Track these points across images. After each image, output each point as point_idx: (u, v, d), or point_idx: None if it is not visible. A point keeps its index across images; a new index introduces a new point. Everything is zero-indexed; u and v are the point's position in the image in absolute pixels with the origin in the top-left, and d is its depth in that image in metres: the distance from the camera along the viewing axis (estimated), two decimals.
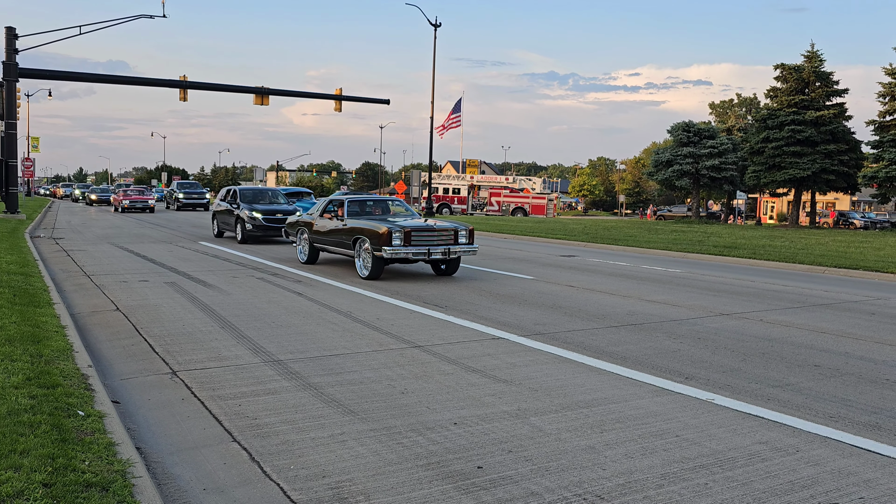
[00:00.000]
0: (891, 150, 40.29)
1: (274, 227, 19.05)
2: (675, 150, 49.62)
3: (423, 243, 11.83)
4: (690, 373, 6.18)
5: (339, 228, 12.92)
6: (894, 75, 41.67)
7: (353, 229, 12.43)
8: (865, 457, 4.23)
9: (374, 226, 11.90)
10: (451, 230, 12.16)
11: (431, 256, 11.81)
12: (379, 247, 11.51)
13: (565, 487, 3.66)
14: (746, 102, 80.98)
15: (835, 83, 46.13)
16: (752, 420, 4.89)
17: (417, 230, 11.86)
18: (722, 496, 3.60)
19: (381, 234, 11.55)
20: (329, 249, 13.49)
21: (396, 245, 11.49)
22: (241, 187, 21.49)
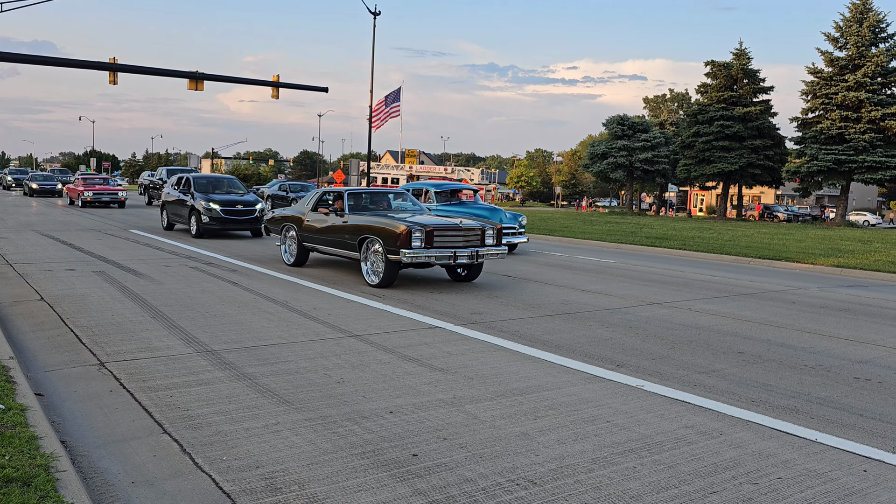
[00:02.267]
0: (813, 146, 42.00)
1: (233, 220, 17.46)
2: (610, 143, 50.60)
3: (448, 245, 9.85)
4: (622, 360, 6.34)
5: (338, 226, 10.92)
6: (817, 74, 43.40)
7: (358, 227, 10.44)
8: (784, 439, 4.43)
9: (387, 223, 9.90)
10: (479, 229, 10.18)
11: (457, 260, 9.87)
12: (395, 249, 9.56)
13: (499, 473, 3.72)
14: (679, 98, 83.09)
15: (761, 81, 47.79)
16: (680, 405, 5.05)
17: (441, 229, 9.84)
18: (650, 479, 3.72)
19: (399, 234, 9.55)
20: (323, 250, 11.51)
21: (416, 247, 9.54)
22: (195, 175, 19.50)
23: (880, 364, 6.53)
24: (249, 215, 17.78)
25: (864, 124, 40.40)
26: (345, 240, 10.76)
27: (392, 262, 9.78)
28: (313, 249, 11.82)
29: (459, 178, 57.35)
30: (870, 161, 39.86)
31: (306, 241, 11.84)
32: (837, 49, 43.11)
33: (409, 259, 9.48)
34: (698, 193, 73.12)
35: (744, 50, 47.67)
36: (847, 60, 42.04)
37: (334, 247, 11.11)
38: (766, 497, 3.54)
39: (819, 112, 43.19)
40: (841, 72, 42.30)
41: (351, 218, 10.77)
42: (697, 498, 3.50)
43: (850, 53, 42.02)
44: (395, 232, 9.63)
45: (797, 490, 3.64)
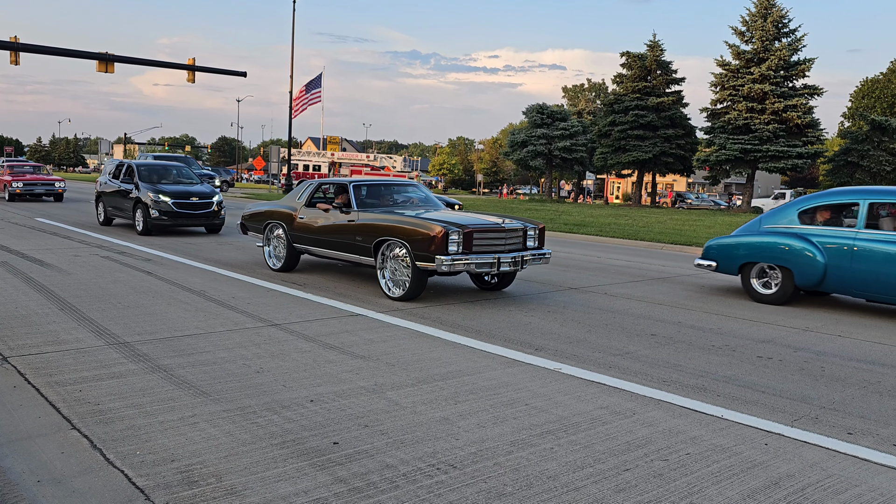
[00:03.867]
0: (721, 135, 43.77)
1: (187, 214, 15.21)
2: (530, 131, 51.32)
3: (490, 249, 8.25)
4: (540, 344, 6.48)
5: (344, 225, 9.11)
6: (725, 67, 45.18)
7: (374, 228, 8.62)
8: (693, 416, 4.64)
9: (416, 223, 8.16)
10: (521, 230, 8.65)
11: (500, 267, 8.21)
12: (429, 255, 7.84)
13: (420, 458, 3.75)
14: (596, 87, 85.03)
15: (674, 72, 49.39)
16: (595, 387, 5.21)
17: (483, 230, 8.19)
18: (566, 459, 3.83)
19: (433, 237, 7.82)
20: (321, 254, 9.69)
21: (454, 252, 7.86)
22: (138, 162, 16.88)
23: (781, 343, 6.90)
24: (205, 209, 15.48)
25: (768, 115, 42.36)
26: (355, 242, 8.89)
27: (421, 271, 8.13)
28: (306, 252, 10.06)
29: (382, 166, 57.06)
30: (773, 150, 41.85)
31: (298, 242, 9.97)
32: (744, 43, 44.96)
33: (446, 267, 7.76)
34: (615, 181, 75.15)
35: (657, 42, 49.11)
36: (753, 54, 43.91)
37: (338, 250, 9.29)
38: (676, 472, 3.70)
39: (727, 103, 44.99)
40: (747, 65, 44.17)
41: (362, 216, 8.90)
42: (611, 476, 3.62)
43: (756, 47, 43.88)
44: (429, 234, 7.85)
45: (704, 465, 3.82)
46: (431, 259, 7.83)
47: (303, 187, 10.41)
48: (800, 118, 41.82)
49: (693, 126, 48.97)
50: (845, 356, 6.47)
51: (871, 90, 62.50)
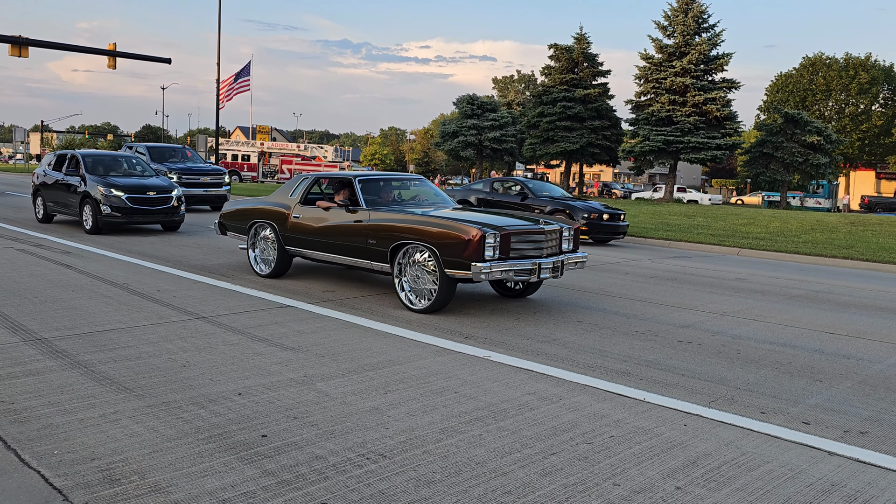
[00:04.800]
0: (645, 127, 44.97)
1: (144, 210, 13.57)
2: (461, 121, 51.48)
3: (528, 254, 7.27)
4: (469, 333, 6.55)
5: (352, 226, 7.99)
6: (648, 60, 46.39)
7: (390, 229, 7.54)
8: (617, 400, 4.78)
9: (444, 223, 7.12)
10: (557, 231, 7.66)
11: (541, 275, 7.21)
12: (462, 261, 6.84)
13: (349, 448, 3.75)
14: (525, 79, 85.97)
15: (600, 64, 50.36)
16: (523, 373, 5.31)
17: (521, 233, 7.24)
18: (494, 445, 3.90)
19: (469, 241, 6.81)
20: (320, 258, 8.52)
21: (490, 257, 6.90)
22: (84, 152, 15.16)
23: (700, 327, 7.17)
24: (164, 204, 13.82)
25: (689, 108, 43.72)
26: (367, 246, 7.82)
27: (450, 280, 7.13)
28: (300, 255, 8.88)
29: (313, 156, 56.33)
30: (694, 142, 43.26)
31: (292, 244, 8.79)
32: (666, 37, 46.23)
33: (485, 276, 6.77)
34: (544, 171, 76.27)
35: (584, 35, 49.98)
36: (674, 48, 45.20)
37: (344, 254, 8.16)
38: (600, 454, 3.82)
39: (650, 96, 46.22)
40: (669, 58, 45.45)
41: (374, 215, 7.84)
42: (538, 460, 3.71)
43: (677, 41, 45.19)
44: (463, 238, 6.85)
45: (627, 446, 3.95)
46: (466, 266, 6.80)
47: (295, 182, 9.20)
48: (719, 111, 43.33)
49: (619, 118, 50.10)
50: (760, 339, 6.78)
51: (785, 84, 65.23)
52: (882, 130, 62.41)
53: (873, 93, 63.11)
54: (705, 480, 3.54)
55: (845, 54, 64.26)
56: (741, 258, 14.34)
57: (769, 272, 12.11)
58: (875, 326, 7.63)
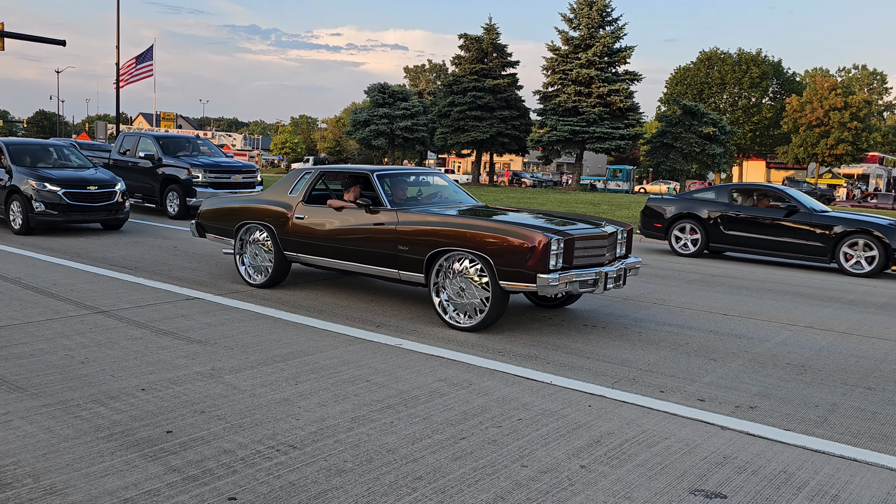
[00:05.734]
0: (552, 117, 46.00)
1: (83, 207, 11.88)
2: (372, 110, 51.19)
3: (590, 262, 6.35)
4: (381, 321, 6.56)
5: (375, 229, 6.86)
6: (555, 52, 47.38)
7: (428, 234, 6.44)
8: (525, 384, 4.90)
9: (500, 227, 6.10)
10: (615, 234, 6.71)
11: (606, 286, 6.31)
12: (525, 272, 5.86)
13: (259, 441, 3.70)
14: (437, 68, 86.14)
15: (509, 55, 51.12)
16: (435, 360, 5.37)
17: (585, 237, 6.29)
18: (406, 431, 3.93)
19: (533, 248, 5.84)
20: (332, 265, 7.39)
21: (554, 266, 5.95)
22: (7, 140, 13.20)
23: (604, 312, 7.43)
24: (106, 200, 12.15)
25: (594, 99, 44.99)
26: (395, 253, 6.68)
27: (504, 293, 6.16)
28: (301, 261, 7.68)
29: (221, 144, 54.65)
30: (599, 132, 44.57)
31: (294, 249, 7.62)
32: (572, 29, 47.36)
33: (553, 289, 5.87)
34: (456, 161, 76.79)
35: (493, 25, 50.57)
36: (580, 40, 46.37)
37: (364, 262, 7.00)
38: (508, 437, 3.91)
39: (557, 86, 47.29)
40: (575, 50, 46.60)
41: (404, 217, 6.73)
42: (448, 445, 3.77)
43: (583, 34, 46.37)
44: (525, 244, 5.87)
45: (534, 428, 4.06)
46: (529, 277, 5.86)
47: (295, 177, 7.95)
48: (622, 102, 44.79)
49: (527, 108, 51.06)
50: (660, 321, 7.09)
51: (684, 77, 68.03)
52: (771, 122, 66.08)
53: (763, 87, 66.70)
54: (608, 458, 3.69)
55: (738, 50, 67.62)
56: (643, 244, 14.90)
57: (667, 258, 12.65)
58: (764, 307, 8.10)
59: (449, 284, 6.42)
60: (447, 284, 6.44)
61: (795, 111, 59.65)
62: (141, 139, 16.59)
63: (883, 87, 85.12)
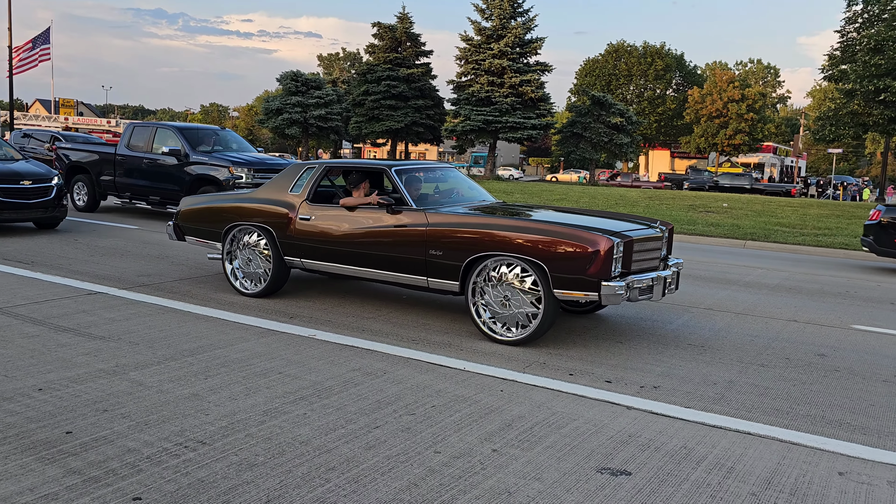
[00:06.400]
0: (466, 107, 46.31)
1: (15, 204, 10.41)
2: (285, 98, 50.20)
3: (647, 266, 5.86)
4: (295, 312, 6.47)
5: (402, 231, 6.14)
6: (468, 42, 47.67)
7: (466, 237, 5.78)
8: (439, 371, 4.95)
9: (549, 229, 5.51)
10: (665, 234, 6.23)
11: (665, 291, 5.86)
12: (586, 279, 5.27)
13: (166, 438, 3.60)
14: (351, 57, 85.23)
15: (423, 44, 51.12)
16: (349, 350, 5.34)
17: (642, 239, 5.77)
18: (319, 422, 3.90)
19: (596, 252, 5.26)
20: (342, 271, 6.63)
21: (617, 271, 5.41)
22: None
23: None
24: (41, 197, 10.72)
25: (506, 89, 45.57)
26: (426, 258, 5.99)
27: (558, 303, 5.57)
28: (304, 267, 6.90)
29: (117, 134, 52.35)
30: (511, 122, 45.21)
31: (297, 253, 6.82)
32: (485, 20, 47.73)
33: (619, 298, 5.30)
34: (371, 150, 76.27)
35: (406, 14, 50.41)
36: (492, 31, 46.81)
37: (384, 268, 6.29)
38: (422, 424, 3.94)
39: (471, 76, 47.62)
40: (487, 41, 47.01)
41: (434, 218, 6.03)
42: (362, 434, 3.77)
43: (495, 24, 46.82)
44: (586, 248, 5.28)
45: (448, 414, 4.11)
46: (591, 285, 5.26)
47: (294, 173, 7.11)
48: (533, 92, 45.56)
49: (441, 97, 51.25)
50: None
51: (593, 69, 69.80)
52: (675, 113, 68.72)
53: (667, 79, 69.25)
54: (519, 441, 3.78)
55: (644, 43, 69.86)
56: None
57: None
58: None
59: (491, 293, 5.73)
60: (488, 293, 5.76)
61: (697, 103, 62.28)
62: (158, 131, 13.45)
63: (776, 81, 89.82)
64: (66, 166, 14.48)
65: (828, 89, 66.43)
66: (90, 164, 14.15)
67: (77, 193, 14.46)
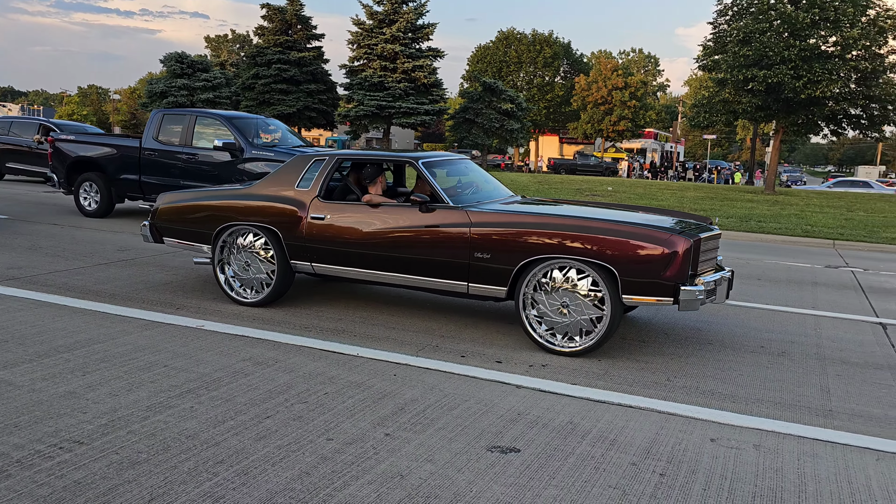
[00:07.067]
0: (359, 92, 45.81)
1: None
2: (170, 81, 48.02)
3: (709, 266, 5.49)
4: (181, 303, 6.25)
5: (441, 232, 5.51)
6: (360, 26, 47.11)
7: (517, 238, 5.23)
8: (331, 357, 4.91)
9: (619, 229, 5.01)
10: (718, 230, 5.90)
11: (729, 293, 5.75)
12: (666, 283, 4.86)
13: (39, 440, 3.40)
14: (240, 39, 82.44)
15: (314, 27, 50.11)
16: (239, 340, 5.21)
17: (707, 238, 5.38)
18: (207, 415, 3.80)
19: (675, 253, 4.85)
20: (365, 276, 5.94)
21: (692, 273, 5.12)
22: None
23: None
24: None
25: (399, 74, 45.39)
26: (469, 262, 5.42)
27: (622, 308, 5.11)
28: (313, 272, 6.20)
29: None
30: (405, 107, 45.13)
31: (309, 257, 6.10)
32: (376, 4, 47.24)
33: (697, 304, 4.93)
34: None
35: None
36: (384, 15, 46.43)
37: (419, 272, 5.66)
38: (314, 412, 3.91)
39: (363, 61, 47.10)
40: (379, 25, 46.60)
41: (477, 217, 5.47)
42: (252, 425, 3.69)
43: (387, 9, 46.45)
44: (663, 250, 4.86)
45: (340, 401, 4.10)
46: (668, 290, 4.87)
47: (300, 166, 6.34)
48: (426, 78, 45.60)
49: (334, 82, 50.48)
50: None
51: (484, 55, 70.64)
52: (563, 100, 70.65)
53: (555, 66, 71.05)
54: (412, 424, 3.81)
55: (533, 31, 71.28)
56: None
57: None
58: None
59: (546, 299, 5.23)
60: (543, 299, 5.23)
61: (583, 90, 64.35)
62: (199, 120, 11.13)
63: (656, 70, 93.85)
64: (68, 162, 11.93)
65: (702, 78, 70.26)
66: (105, 160, 11.62)
67: (84, 195, 11.89)
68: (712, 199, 22.18)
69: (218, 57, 74.02)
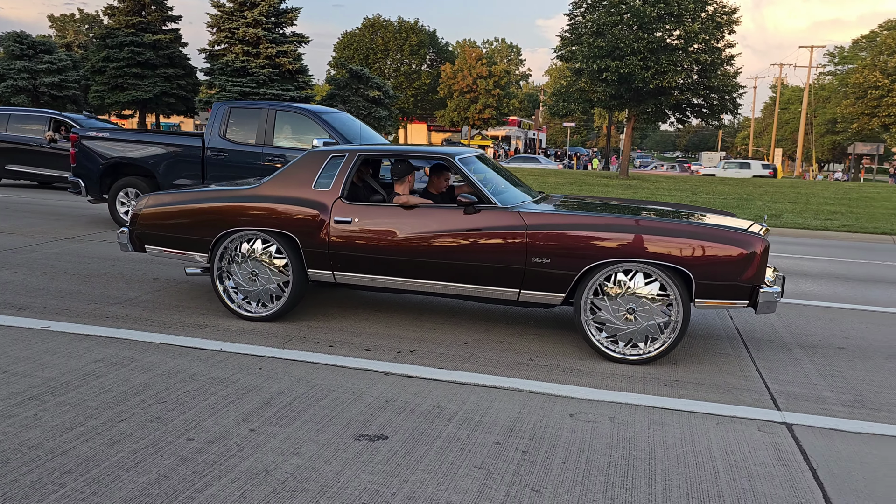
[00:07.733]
0: (221, 77, 44.07)
1: None
2: (8, 63, 44.20)
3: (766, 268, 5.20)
4: (24, 303, 5.79)
5: (482, 234, 5.03)
6: (220, 8, 45.26)
7: (584, 241, 4.86)
8: (193, 354, 4.73)
9: (694, 230, 4.82)
10: None
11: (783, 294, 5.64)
12: (744, 285, 4.71)
13: None
14: (89, 19, 77.09)
15: (170, 9, 47.61)
16: (90, 340, 4.91)
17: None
18: (53, 423, 3.55)
19: (753, 254, 4.70)
20: (397, 285, 5.38)
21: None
22: None
23: None
24: None
25: (262, 59, 44.06)
26: (525, 268, 4.99)
27: (689, 312, 4.86)
28: (336, 282, 5.55)
29: None
30: (269, 94, 43.86)
31: (333, 265, 5.46)
32: None
33: (773, 306, 4.79)
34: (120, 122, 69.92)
35: None
36: None
37: (461, 280, 5.17)
38: (174, 412, 3.75)
39: (224, 45, 45.33)
40: (240, 8, 44.96)
41: (532, 219, 5.03)
42: (104, 430, 3.50)
43: None
44: (742, 251, 4.71)
45: (202, 399, 3.95)
46: (745, 292, 4.73)
47: (316, 163, 5.65)
48: (291, 64, 44.54)
49: (194, 67, 48.26)
50: None
51: (350, 42, 69.88)
52: (430, 88, 71.21)
53: (422, 54, 71.42)
54: (278, 418, 3.74)
55: (399, 18, 71.28)
56: None
57: None
58: None
59: (610, 305, 4.91)
60: (606, 305, 4.92)
61: (449, 78, 65.10)
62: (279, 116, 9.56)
63: (519, 59, 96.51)
64: (103, 165, 10.03)
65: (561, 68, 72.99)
66: (152, 161, 9.80)
67: (124, 202, 10.14)
68: (571, 185, 23.15)
69: (64, 38, 68.82)
